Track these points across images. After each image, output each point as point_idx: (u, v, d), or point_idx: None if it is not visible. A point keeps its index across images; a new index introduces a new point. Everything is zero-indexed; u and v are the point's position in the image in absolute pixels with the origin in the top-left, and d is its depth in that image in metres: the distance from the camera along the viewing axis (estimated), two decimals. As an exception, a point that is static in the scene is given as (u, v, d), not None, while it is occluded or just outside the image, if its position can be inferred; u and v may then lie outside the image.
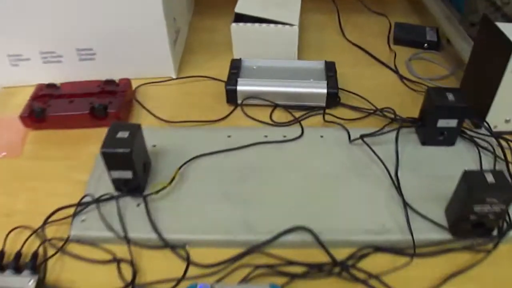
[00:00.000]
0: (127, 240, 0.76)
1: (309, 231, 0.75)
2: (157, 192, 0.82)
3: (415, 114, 0.94)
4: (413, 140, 0.93)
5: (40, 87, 1.01)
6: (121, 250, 0.75)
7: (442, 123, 0.87)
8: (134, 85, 1.07)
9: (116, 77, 1.04)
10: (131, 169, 0.77)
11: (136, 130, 0.79)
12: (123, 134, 0.77)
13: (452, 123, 0.87)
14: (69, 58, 1.05)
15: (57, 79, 1.04)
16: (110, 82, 1.02)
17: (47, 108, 0.95)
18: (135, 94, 1.07)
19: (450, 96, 0.86)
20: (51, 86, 1.02)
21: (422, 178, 0.85)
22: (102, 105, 0.95)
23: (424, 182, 0.84)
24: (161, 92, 1.08)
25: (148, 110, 1.02)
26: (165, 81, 1.11)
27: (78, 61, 1.06)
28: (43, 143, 0.95)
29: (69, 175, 0.87)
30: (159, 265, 0.73)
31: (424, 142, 0.91)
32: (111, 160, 0.77)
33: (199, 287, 0.64)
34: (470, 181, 0.70)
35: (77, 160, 0.90)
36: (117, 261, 0.74)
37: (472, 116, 0.91)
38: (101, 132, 0.78)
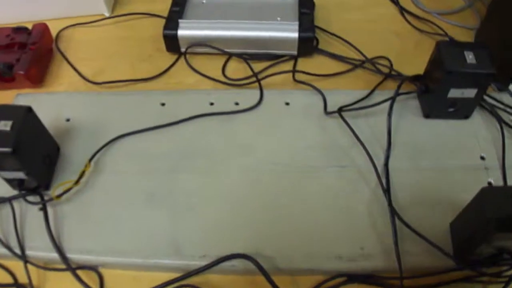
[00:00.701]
0: (24, 261, 0.54)
1: (253, 260, 0.49)
2: (60, 196, 0.56)
3: (419, 66, 0.62)
4: (413, 110, 0.62)
5: None
6: (22, 269, 0.53)
7: (455, 92, 0.56)
8: (58, 27, 0.77)
9: (37, 18, 0.76)
10: (22, 170, 0.54)
11: (24, 116, 0.54)
12: (4, 125, 0.52)
13: (469, 93, 0.55)
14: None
15: None
16: (21, 30, 0.72)
17: None
18: (57, 41, 0.76)
19: (470, 57, 0.54)
20: None
21: (421, 170, 0.56)
22: (7, 65, 0.68)
23: (423, 176, 0.56)
24: (91, 37, 0.77)
25: (70, 64, 0.72)
26: (96, 21, 0.78)
27: (-12, 0, 0.77)
28: None
29: None
30: None
31: (428, 115, 0.59)
32: None
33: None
34: (490, 207, 0.43)
35: None
36: (16, 286, 0.53)
37: (495, 76, 0.56)
38: (11, 96, 0.64)
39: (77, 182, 0.56)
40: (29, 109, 0.54)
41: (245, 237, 0.51)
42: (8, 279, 0.54)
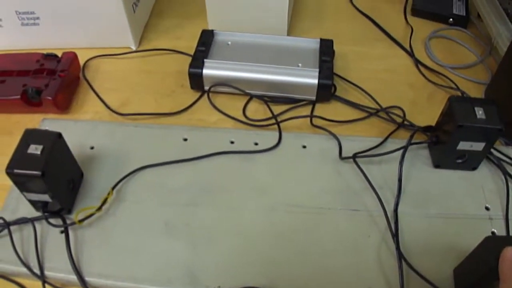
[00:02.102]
0: (43, 281, 0.58)
1: None
2: (82, 221, 0.61)
3: (431, 117, 0.68)
4: (423, 160, 0.67)
5: None
6: None
7: (464, 145, 0.61)
8: (85, 57, 0.83)
9: (66, 46, 0.83)
10: (48, 192, 0.58)
11: (54, 142, 0.58)
12: (35, 149, 0.57)
13: (478, 146, 0.61)
14: (9, 22, 0.82)
15: None
16: (50, 56, 0.78)
17: None
18: (84, 70, 0.82)
19: (480, 112, 0.59)
20: None
21: (429, 217, 0.61)
22: (35, 89, 0.73)
23: (431, 223, 0.60)
24: (117, 67, 0.83)
25: (96, 94, 0.78)
26: (123, 54, 0.84)
27: (20, 26, 0.82)
28: None
29: None
30: None
31: (437, 165, 0.65)
32: (21, 182, 0.57)
33: None
34: (493, 256, 0.47)
35: (6, 157, 0.67)
36: None
37: (503, 131, 0.61)
38: (37, 120, 0.69)
39: (99, 208, 0.61)
40: (59, 135, 0.58)
41: (258, 273, 0.55)
42: None
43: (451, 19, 0.88)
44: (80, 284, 0.56)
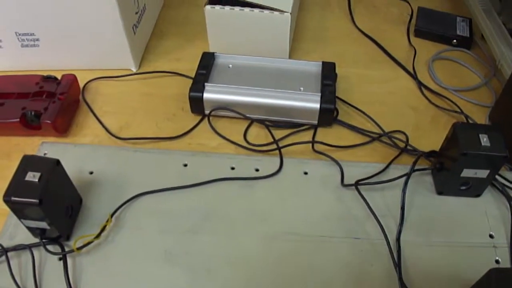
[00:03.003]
0: None
1: None
2: (80, 248, 0.61)
3: (434, 141, 0.69)
4: (426, 186, 0.67)
5: None
6: None
7: (468, 172, 0.61)
8: (85, 79, 0.83)
9: (65, 67, 0.84)
10: (46, 219, 0.58)
11: (52, 169, 0.59)
12: (33, 176, 0.57)
13: (482, 173, 0.61)
14: (9, 43, 0.82)
15: None
16: (50, 79, 0.79)
17: None
18: (84, 92, 0.82)
19: (485, 139, 0.59)
20: None
21: (432, 246, 0.61)
22: (34, 113, 0.74)
23: (434, 251, 0.60)
24: (116, 90, 0.83)
25: (96, 117, 0.78)
26: (123, 76, 0.85)
27: (20, 47, 0.83)
28: None
29: None
30: None
31: (441, 192, 0.65)
32: (19, 209, 0.58)
33: None
34: None
35: (4, 181, 0.67)
36: None
37: (508, 158, 0.61)
38: (36, 143, 0.70)
39: (98, 236, 0.61)
40: (57, 162, 0.59)
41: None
42: None
43: (454, 40, 0.89)
44: (79, 314, 0.56)
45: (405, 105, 0.79)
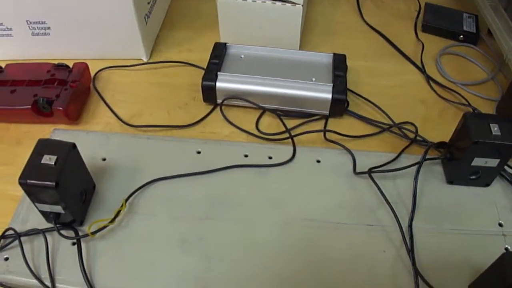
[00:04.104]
0: None
1: None
2: (94, 233, 0.61)
3: (443, 133, 0.69)
4: (437, 176, 0.68)
5: None
6: None
7: (478, 161, 0.63)
8: (96, 68, 0.84)
9: (76, 56, 0.83)
10: (61, 203, 0.58)
11: (68, 152, 0.59)
12: (49, 159, 0.57)
13: (492, 162, 0.62)
14: (20, 32, 0.83)
15: (8, 56, 0.86)
16: (61, 67, 0.79)
17: None
18: (95, 81, 0.83)
19: (495, 129, 0.61)
20: None
21: (443, 233, 0.62)
22: (46, 100, 0.74)
23: (445, 239, 0.62)
24: (128, 79, 0.84)
25: (107, 104, 0.79)
26: (134, 65, 0.86)
27: (30, 36, 0.84)
28: None
29: (4, 188, 0.69)
30: None
31: (451, 181, 0.66)
32: (34, 193, 0.58)
33: None
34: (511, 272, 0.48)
35: (15, 167, 0.67)
36: None
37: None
38: (48, 130, 0.70)
39: (112, 221, 0.61)
40: (73, 146, 0.59)
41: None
42: None
43: (461, 36, 0.90)
44: (93, 297, 0.57)
45: (413, 98, 0.80)
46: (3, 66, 0.80)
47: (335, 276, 0.57)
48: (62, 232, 0.61)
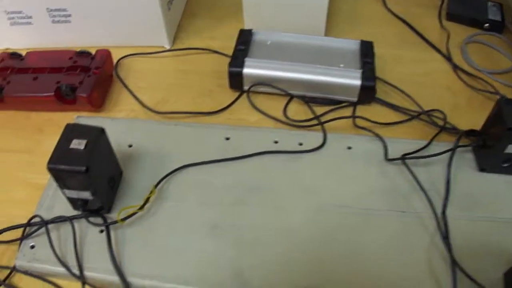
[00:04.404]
0: (82, 282, 0.57)
1: None
2: (124, 220, 0.60)
3: (472, 121, 0.69)
4: (468, 163, 0.67)
5: (2, 56, 0.80)
6: None
7: None
8: (118, 55, 0.83)
9: (97, 44, 0.83)
10: (90, 189, 0.57)
11: (97, 137, 0.58)
12: (79, 143, 0.56)
13: (527, 149, 0.61)
14: (40, 19, 0.82)
15: (29, 44, 0.86)
16: (84, 54, 0.78)
17: (6, 86, 0.75)
18: (117, 68, 0.82)
19: None
20: (14, 56, 0.80)
21: (476, 221, 0.61)
22: (70, 86, 0.73)
23: (478, 227, 0.61)
24: (150, 67, 0.83)
25: (130, 92, 0.78)
26: (156, 52, 0.85)
27: (51, 23, 0.83)
28: (1, 128, 0.75)
29: (28, 176, 0.68)
30: None
31: (483, 169, 0.65)
32: (62, 178, 0.57)
33: None
34: None
35: (38, 156, 0.70)
36: None
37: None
38: (70, 117, 0.69)
39: (142, 207, 0.61)
40: (102, 131, 0.58)
41: (306, 274, 0.55)
42: None
43: (486, 24, 0.89)
44: (122, 285, 0.56)
45: (440, 86, 0.79)
46: (23, 54, 0.79)
47: (368, 262, 0.57)
48: (90, 219, 0.60)
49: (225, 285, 0.55)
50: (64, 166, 0.54)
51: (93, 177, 0.56)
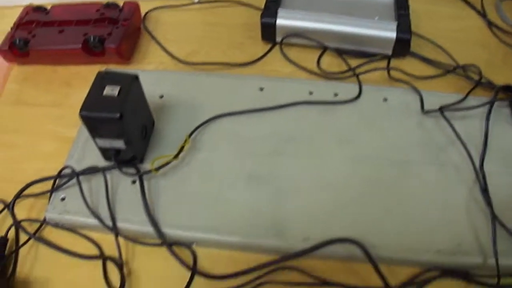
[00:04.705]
0: (115, 233, 0.57)
1: (358, 244, 0.53)
2: (158, 169, 0.60)
3: (507, 77, 0.68)
4: (505, 118, 0.66)
5: (27, 10, 0.79)
6: (109, 242, 0.56)
7: None
8: (145, 9, 0.82)
9: (123, -3, 0.81)
10: (123, 137, 0.56)
11: (131, 83, 0.57)
12: (112, 90, 0.55)
13: None
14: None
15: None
16: (111, 6, 0.77)
17: (32, 40, 0.73)
18: (145, 21, 0.81)
19: None
20: (39, 10, 0.78)
21: None
22: (98, 38, 0.72)
23: None
24: (179, 19, 0.82)
25: (159, 44, 0.77)
26: (185, 5, 0.83)
27: (75, -24, 0.81)
28: (27, 82, 0.74)
29: (56, 129, 0.68)
30: (156, 269, 0.55)
31: (520, 120, 0.64)
32: (95, 126, 0.56)
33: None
34: None
35: (66, 109, 0.70)
36: (103, 258, 0.55)
37: None
38: (98, 70, 0.61)
39: (176, 156, 0.60)
40: (136, 77, 0.57)
41: (345, 224, 0.55)
42: (94, 251, 0.56)
43: (522, -20, 0.87)
44: (157, 236, 0.55)
45: (475, 42, 0.78)
46: (48, 8, 0.78)
47: (406, 214, 0.56)
48: (123, 169, 0.59)
49: (261, 234, 0.55)
50: (97, 113, 0.53)
51: (126, 124, 0.55)
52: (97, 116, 0.53)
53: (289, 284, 0.52)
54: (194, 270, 0.53)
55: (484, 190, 0.57)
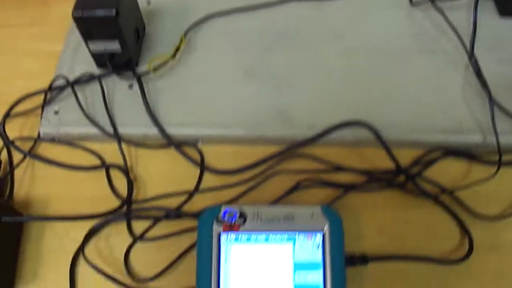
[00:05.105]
0: (118, 138, 0.56)
1: (368, 127, 0.54)
2: (156, 69, 0.60)
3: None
4: (488, 9, 0.67)
5: None
6: (110, 151, 0.57)
7: None
8: None
9: None
10: (119, 37, 0.55)
11: None
12: None
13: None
14: None
15: None
16: None
17: None
18: None
19: None
20: None
21: (504, 62, 0.62)
22: None
23: (505, 68, 0.61)
24: None
25: None
26: None
27: None
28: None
29: (37, 46, 0.66)
30: (162, 171, 0.55)
31: (503, 11, 0.66)
32: (89, 27, 0.54)
33: (225, 212, 0.45)
34: None
35: (45, 26, 0.68)
36: (105, 167, 0.55)
37: None
38: None
39: (173, 56, 0.60)
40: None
41: (347, 110, 0.56)
42: (95, 162, 0.56)
43: None
44: (162, 136, 0.55)
45: None
46: None
47: (405, 99, 0.58)
48: (119, 74, 0.59)
49: (266, 124, 0.56)
50: (92, 11, 0.52)
51: (121, 23, 0.53)
52: (91, 14, 0.52)
53: (301, 172, 0.54)
54: (203, 167, 0.54)
55: (478, 72, 0.59)
